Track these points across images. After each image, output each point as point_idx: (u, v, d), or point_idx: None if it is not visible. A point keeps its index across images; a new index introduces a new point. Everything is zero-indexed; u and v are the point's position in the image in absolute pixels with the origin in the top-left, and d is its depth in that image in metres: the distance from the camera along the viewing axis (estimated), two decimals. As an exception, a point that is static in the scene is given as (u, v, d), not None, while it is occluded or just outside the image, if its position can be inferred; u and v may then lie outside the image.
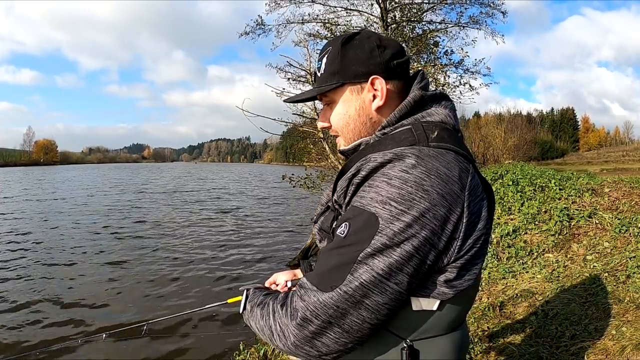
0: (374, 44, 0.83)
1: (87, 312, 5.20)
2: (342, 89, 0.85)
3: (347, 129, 0.87)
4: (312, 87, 0.99)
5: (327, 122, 0.92)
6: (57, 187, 26.36)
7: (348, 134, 0.88)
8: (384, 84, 0.82)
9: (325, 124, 0.92)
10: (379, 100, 0.83)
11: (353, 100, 0.85)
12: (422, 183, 0.67)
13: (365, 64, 0.83)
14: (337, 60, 0.84)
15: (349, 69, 0.83)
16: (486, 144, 33.21)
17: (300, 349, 0.71)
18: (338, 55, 0.84)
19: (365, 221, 0.68)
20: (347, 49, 0.84)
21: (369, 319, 0.68)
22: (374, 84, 0.83)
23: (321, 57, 0.88)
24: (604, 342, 2.48)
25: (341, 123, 0.88)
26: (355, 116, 0.86)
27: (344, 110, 0.86)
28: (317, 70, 0.89)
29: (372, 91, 0.84)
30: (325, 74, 0.86)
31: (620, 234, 4.01)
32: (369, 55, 0.83)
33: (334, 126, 0.90)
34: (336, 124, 0.89)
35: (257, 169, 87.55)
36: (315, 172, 8.70)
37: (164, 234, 10.16)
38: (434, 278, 0.72)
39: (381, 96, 0.83)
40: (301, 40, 8.09)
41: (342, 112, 0.87)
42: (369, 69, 0.83)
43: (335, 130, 0.91)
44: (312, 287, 0.70)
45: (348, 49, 0.84)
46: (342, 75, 0.84)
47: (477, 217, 0.73)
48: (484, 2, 8.16)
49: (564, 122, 72.48)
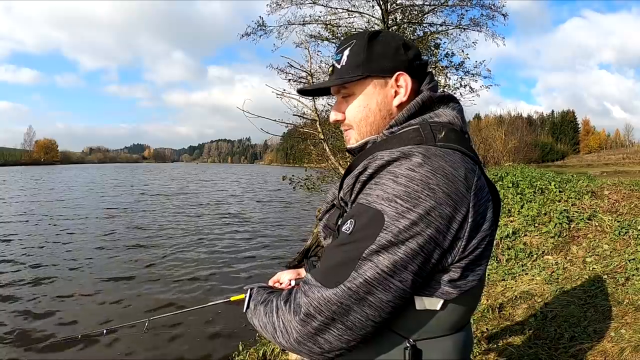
0: (399, 42, 0.85)
1: (87, 308, 5.21)
2: (365, 81, 0.85)
3: (366, 122, 0.87)
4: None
5: (341, 114, 0.90)
6: (58, 186, 26.35)
7: (365, 127, 0.87)
8: (409, 80, 0.84)
9: (339, 116, 0.91)
10: (402, 96, 0.84)
11: (375, 94, 0.85)
12: (428, 181, 0.68)
13: (391, 59, 0.84)
14: (363, 54, 0.84)
15: (375, 62, 0.84)
16: (486, 146, 33.27)
17: (302, 345, 0.71)
18: (364, 49, 0.84)
19: (371, 218, 0.69)
20: (374, 43, 0.84)
21: (373, 316, 0.68)
22: (398, 80, 0.84)
23: (342, 50, 0.87)
24: (603, 344, 2.49)
25: (360, 116, 0.87)
26: (376, 110, 0.85)
27: (365, 103, 0.86)
28: (336, 63, 0.88)
29: (395, 87, 0.85)
30: (347, 66, 0.85)
31: (619, 236, 4.01)
32: (395, 52, 0.84)
33: (350, 119, 0.89)
34: (354, 116, 0.88)
35: (258, 170, 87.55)
36: (316, 174, 8.70)
37: (165, 234, 10.16)
38: (438, 277, 0.72)
39: (405, 92, 0.84)
40: (302, 41, 8.09)
41: (363, 105, 0.86)
42: (395, 64, 0.84)
43: (349, 124, 0.90)
44: (316, 283, 0.70)
45: (374, 44, 0.84)
46: (367, 68, 0.84)
47: (482, 217, 0.73)
48: (485, 5, 8.17)
49: (565, 125, 72.55)
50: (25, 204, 16.43)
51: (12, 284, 6.08)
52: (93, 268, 6.95)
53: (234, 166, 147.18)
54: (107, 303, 5.38)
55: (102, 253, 8.06)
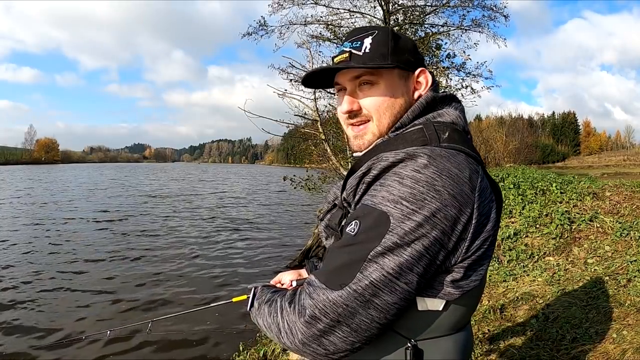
0: (414, 42, 0.88)
1: (91, 310, 5.20)
2: (391, 71, 0.83)
3: (391, 112, 0.84)
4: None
5: (357, 104, 0.85)
6: (58, 187, 26.37)
7: (389, 118, 0.84)
8: (429, 76, 0.86)
9: (355, 105, 0.85)
10: (422, 90, 0.86)
11: (401, 86, 0.85)
12: (433, 183, 0.67)
13: (414, 55, 0.86)
14: (389, 44, 0.82)
15: (402, 55, 0.84)
16: (487, 147, 33.27)
17: (307, 346, 0.70)
18: (390, 40, 0.83)
19: (376, 220, 0.68)
20: (398, 37, 0.85)
21: (378, 318, 0.68)
22: (419, 76, 0.86)
23: (360, 38, 0.84)
24: (605, 346, 2.48)
25: (384, 105, 0.83)
26: (401, 101, 0.84)
27: (391, 92, 0.83)
28: (353, 50, 0.83)
29: (414, 83, 0.86)
30: (372, 53, 0.82)
31: (621, 237, 4.01)
32: (414, 49, 0.87)
33: (372, 109, 0.84)
34: (378, 105, 0.83)
35: (259, 170, 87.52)
36: (317, 174, 8.70)
37: (166, 236, 10.12)
38: (441, 278, 0.72)
39: (425, 87, 0.86)
40: (304, 41, 8.09)
41: (389, 95, 0.83)
42: (416, 61, 0.86)
43: (367, 115, 0.85)
44: (320, 285, 0.70)
45: (398, 38, 0.85)
46: (395, 59, 0.82)
47: (486, 218, 0.73)
48: (486, 6, 8.16)
49: (565, 126, 72.55)
50: (28, 205, 16.41)
51: (12, 287, 6.04)
52: (95, 270, 6.91)
53: (234, 166, 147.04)
54: (110, 305, 5.37)
55: (103, 254, 8.03)
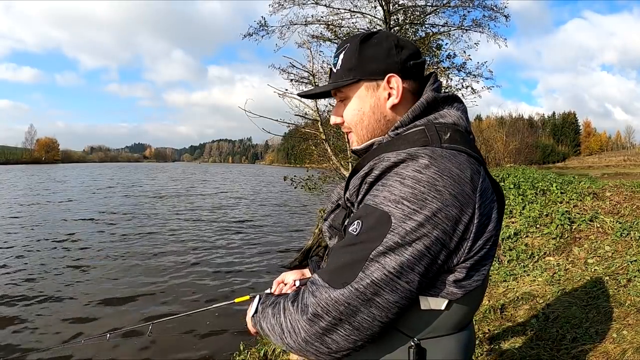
0: (392, 43, 0.84)
1: (90, 312, 5.18)
2: (357, 85, 0.86)
3: (361, 125, 0.87)
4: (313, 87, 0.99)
5: (340, 118, 0.91)
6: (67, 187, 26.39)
7: (361, 130, 0.88)
8: (400, 82, 0.83)
9: (338, 119, 0.92)
10: (395, 98, 0.84)
11: (368, 97, 0.86)
12: (434, 183, 0.68)
13: (382, 62, 0.83)
14: (355, 57, 0.84)
15: (366, 65, 0.84)
16: (488, 147, 33.27)
17: (310, 344, 0.71)
18: (356, 52, 0.84)
19: (378, 220, 0.69)
20: (365, 46, 0.84)
21: (380, 316, 0.69)
22: (390, 82, 0.84)
23: (338, 54, 0.88)
24: (605, 346, 2.49)
25: (355, 119, 0.88)
26: (369, 113, 0.86)
27: (359, 106, 0.86)
28: (333, 66, 0.89)
29: (388, 89, 0.84)
30: (341, 69, 0.86)
31: (621, 237, 4.01)
32: (387, 53, 0.84)
33: (347, 122, 0.90)
34: (350, 120, 0.89)
35: (259, 170, 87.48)
36: (317, 174, 8.70)
37: (167, 237, 10.07)
38: (443, 278, 0.73)
39: (397, 94, 0.83)
40: (304, 41, 8.09)
41: (357, 109, 0.87)
42: (386, 67, 0.83)
43: (348, 127, 0.91)
44: (323, 284, 0.71)
45: (366, 47, 0.84)
46: (358, 72, 0.84)
47: (487, 218, 0.73)
48: (487, 6, 8.18)
49: (566, 126, 72.53)
50: (25, 207, 16.43)
51: (10, 289, 6.01)
52: (95, 272, 6.87)
53: (235, 166, 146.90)
54: (110, 307, 5.35)
55: (103, 256, 7.99)
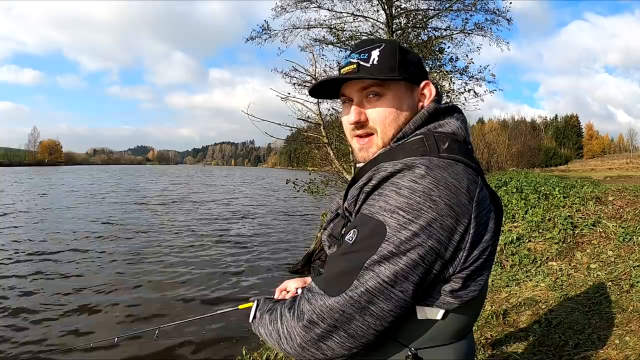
0: (419, 57, 0.91)
1: (98, 316, 5.21)
2: (398, 84, 0.86)
3: (396, 123, 0.85)
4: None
5: (363, 115, 0.87)
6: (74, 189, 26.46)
7: (393, 129, 0.86)
8: (433, 89, 0.88)
9: (362, 116, 0.87)
10: (426, 102, 0.88)
11: (406, 98, 0.87)
12: (430, 193, 0.69)
13: (419, 68, 0.89)
14: (397, 57, 0.84)
15: (409, 68, 0.86)
16: (490, 150, 33.23)
17: (306, 350, 0.72)
18: (398, 53, 0.85)
19: (373, 229, 0.70)
20: (405, 51, 0.87)
21: (374, 325, 0.69)
22: (424, 89, 0.88)
23: (367, 50, 0.86)
24: (607, 352, 2.48)
25: (390, 117, 0.85)
26: (406, 113, 0.86)
27: (398, 104, 0.85)
28: (360, 61, 0.85)
29: (419, 95, 0.89)
30: (380, 65, 0.83)
31: (624, 242, 4.00)
32: (419, 62, 0.89)
33: (377, 121, 0.86)
34: (383, 117, 0.85)
35: (262, 173, 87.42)
36: (319, 177, 8.71)
37: (170, 241, 10.00)
38: (439, 288, 0.73)
39: (428, 99, 0.88)
40: (307, 45, 8.12)
41: (395, 107, 0.85)
42: (422, 74, 0.89)
43: (372, 127, 0.87)
44: (319, 291, 0.72)
45: (405, 51, 0.86)
46: (402, 72, 0.84)
47: (484, 228, 0.74)
48: (489, 9, 8.18)
49: (568, 129, 72.34)
50: (27, 212, 16.47)
51: (18, 293, 6.01)
52: (102, 277, 6.86)
53: (238, 169, 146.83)
54: (118, 312, 5.37)
55: (110, 261, 7.94)
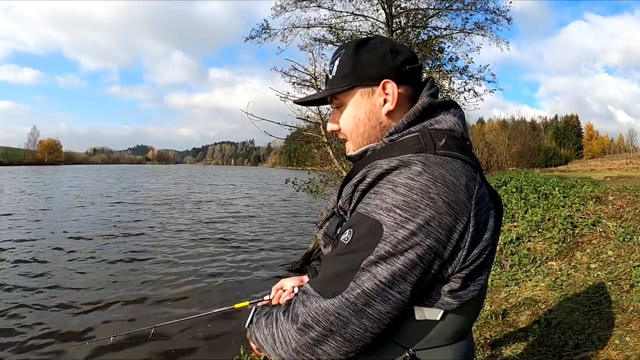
0: (387, 48, 0.83)
1: (94, 315, 5.19)
2: (352, 91, 0.84)
3: (357, 132, 0.86)
4: (316, 90, 0.98)
5: (336, 125, 0.90)
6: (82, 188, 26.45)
7: (357, 137, 0.87)
8: (395, 87, 0.81)
9: (335, 126, 0.91)
10: (390, 104, 0.82)
11: (363, 104, 0.84)
12: (427, 191, 0.66)
13: (377, 67, 0.82)
14: (350, 63, 0.83)
15: (361, 71, 0.83)
16: (490, 150, 33.21)
17: (301, 355, 0.70)
18: (351, 58, 0.83)
19: (369, 228, 0.68)
20: (360, 52, 0.83)
21: (371, 327, 0.67)
22: (385, 88, 0.82)
23: (334, 60, 0.87)
24: (608, 352, 2.47)
25: (350, 126, 0.86)
26: (365, 120, 0.84)
27: (354, 113, 0.85)
28: (329, 73, 0.88)
29: (383, 95, 0.83)
30: (337, 76, 0.85)
31: (624, 242, 3.99)
32: (382, 59, 0.82)
33: (343, 129, 0.89)
34: (345, 127, 0.88)
35: (262, 173, 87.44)
36: (319, 177, 8.70)
37: (169, 242, 9.96)
38: (438, 288, 0.71)
39: (392, 100, 0.82)
40: (307, 44, 8.11)
41: (352, 115, 0.86)
42: (381, 72, 0.82)
43: (344, 134, 0.90)
44: (314, 293, 0.70)
45: (361, 52, 0.83)
46: (353, 78, 0.83)
47: (484, 226, 0.72)
48: (489, 9, 8.17)
49: (568, 129, 72.29)
50: (27, 212, 16.46)
51: (15, 291, 5.99)
52: (99, 276, 6.85)
53: (238, 169, 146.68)
54: (113, 311, 5.36)
55: (107, 260, 7.93)
